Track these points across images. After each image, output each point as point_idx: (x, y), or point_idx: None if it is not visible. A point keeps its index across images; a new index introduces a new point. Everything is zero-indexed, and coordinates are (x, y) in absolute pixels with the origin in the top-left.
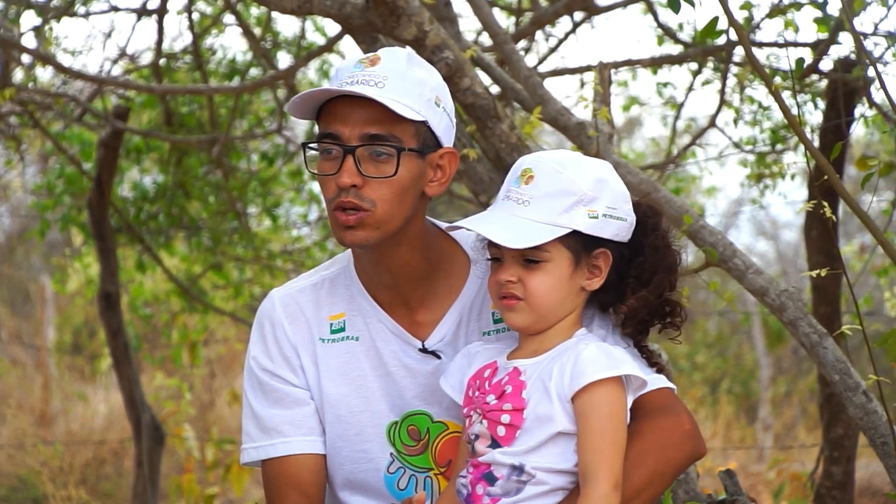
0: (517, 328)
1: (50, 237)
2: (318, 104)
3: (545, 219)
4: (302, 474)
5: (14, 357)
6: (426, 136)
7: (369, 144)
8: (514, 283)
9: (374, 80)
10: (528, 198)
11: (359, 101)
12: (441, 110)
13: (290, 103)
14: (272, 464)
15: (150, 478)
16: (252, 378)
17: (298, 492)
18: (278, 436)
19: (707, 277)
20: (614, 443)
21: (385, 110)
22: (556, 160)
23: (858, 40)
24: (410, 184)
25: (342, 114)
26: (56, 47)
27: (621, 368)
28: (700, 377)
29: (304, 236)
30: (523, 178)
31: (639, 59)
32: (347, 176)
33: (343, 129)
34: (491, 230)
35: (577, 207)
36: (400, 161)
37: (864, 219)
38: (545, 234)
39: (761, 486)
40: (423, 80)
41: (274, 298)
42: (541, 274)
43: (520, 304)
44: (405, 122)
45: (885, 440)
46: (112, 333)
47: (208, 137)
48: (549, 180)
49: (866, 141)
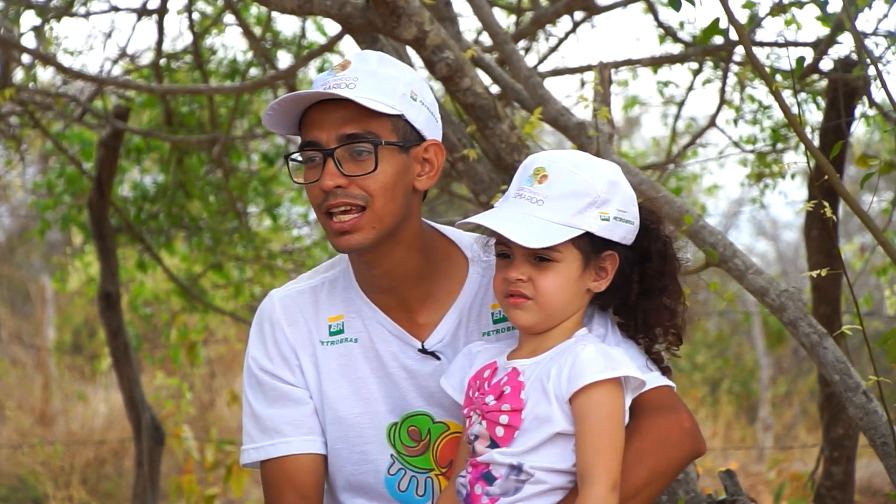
0: (522, 327)
1: (50, 237)
2: (296, 118)
3: (559, 219)
4: (301, 475)
5: (14, 357)
6: (405, 130)
7: (347, 144)
8: (524, 282)
9: (345, 82)
10: (542, 197)
11: (333, 105)
12: (418, 104)
13: (264, 117)
14: (272, 464)
15: (150, 478)
16: (251, 378)
17: (297, 494)
18: (278, 436)
19: (707, 277)
20: (612, 444)
21: (359, 109)
22: (571, 161)
23: (859, 39)
24: (397, 178)
25: (318, 120)
26: (56, 47)
27: (619, 370)
28: (700, 377)
29: (304, 236)
30: (536, 177)
31: (639, 59)
32: (329, 178)
33: (321, 135)
34: (506, 227)
35: (590, 209)
36: (379, 156)
37: (864, 218)
38: (560, 235)
39: (761, 486)
40: (394, 77)
41: (273, 299)
42: (551, 274)
43: (527, 304)
44: (381, 118)
45: (885, 440)
46: (112, 333)
47: (208, 137)
48: (565, 181)
49: (866, 140)
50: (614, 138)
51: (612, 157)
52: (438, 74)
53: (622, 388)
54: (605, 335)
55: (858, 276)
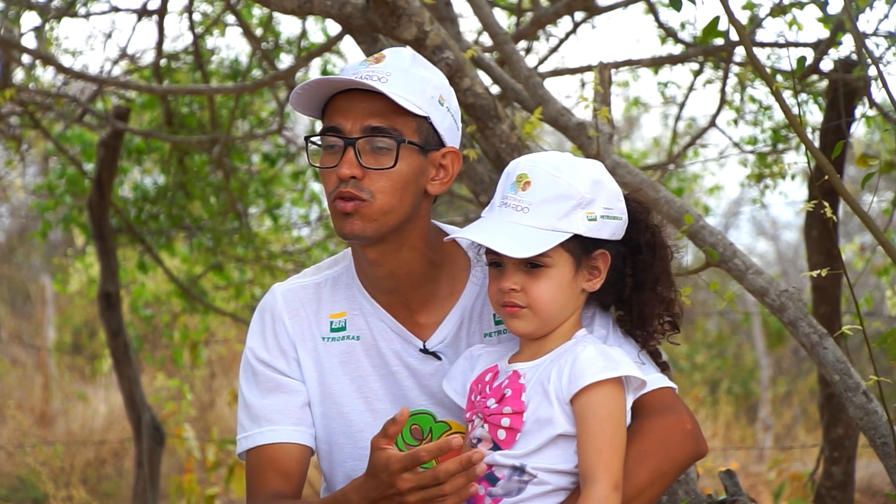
0: (520, 335)
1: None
2: (322, 101)
3: (546, 224)
4: (286, 461)
5: (14, 357)
6: (428, 132)
7: (370, 136)
8: (517, 292)
9: (378, 75)
10: (526, 204)
11: (361, 95)
12: (444, 109)
13: (292, 95)
14: (258, 450)
15: (150, 478)
16: (247, 368)
17: (281, 475)
18: (267, 424)
19: (707, 277)
20: (613, 444)
21: (387, 104)
22: (552, 164)
23: (859, 40)
24: (411, 178)
25: (344, 108)
26: (56, 48)
27: (619, 370)
28: (700, 377)
29: (304, 237)
30: (520, 184)
31: (639, 59)
32: (347, 167)
33: (345, 123)
34: (493, 240)
35: (576, 211)
36: (399, 153)
37: (865, 219)
38: (547, 241)
39: (761, 487)
40: (426, 79)
41: (276, 293)
42: (544, 280)
43: (523, 312)
44: (407, 117)
45: (886, 440)
46: (112, 334)
47: (209, 138)
48: (547, 185)
49: (867, 141)
50: (614, 138)
51: (612, 158)
52: None
53: (623, 389)
54: (606, 336)
55: (859, 276)
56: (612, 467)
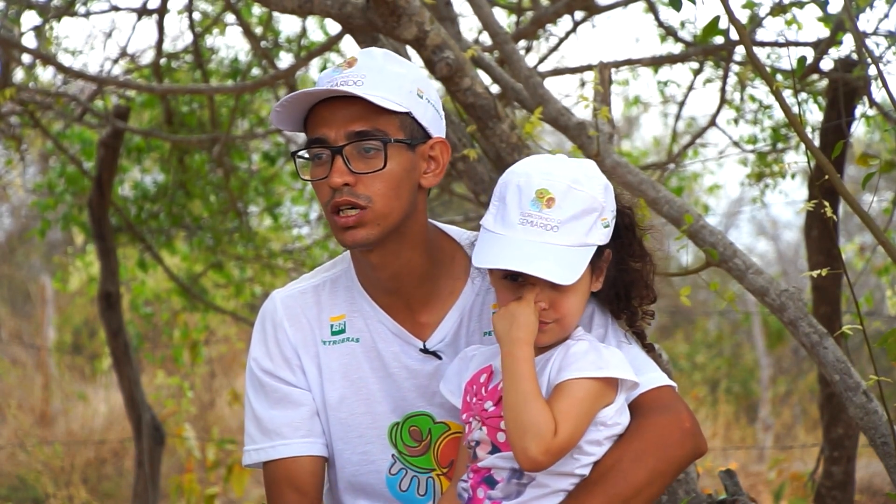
0: (542, 346)
1: (51, 236)
2: (302, 115)
3: (576, 241)
4: (300, 475)
5: (14, 357)
6: (412, 127)
7: (356, 142)
8: (546, 311)
9: (353, 79)
10: (556, 223)
11: (340, 102)
12: (425, 101)
13: (272, 113)
14: (272, 466)
15: (150, 478)
16: (253, 379)
17: (297, 492)
18: (278, 438)
19: (707, 277)
20: (577, 415)
21: (367, 106)
22: (569, 177)
23: (859, 39)
24: (403, 176)
25: (326, 117)
26: (56, 47)
27: (605, 370)
28: (700, 377)
29: (304, 235)
30: (542, 201)
31: (639, 59)
32: (338, 175)
33: (328, 132)
34: (537, 267)
35: (597, 221)
36: (388, 153)
37: (865, 218)
38: (583, 259)
39: (761, 486)
40: (401, 74)
41: (275, 300)
42: (571, 295)
43: (549, 326)
44: (389, 115)
45: (886, 440)
46: (112, 333)
47: (209, 137)
48: (572, 201)
49: (867, 140)
50: (614, 138)
51: (612, 157)
52: (439, 74)
53: (606, 388)
54: (604, 335)
55: (859, 276)
56: (568, 423)
